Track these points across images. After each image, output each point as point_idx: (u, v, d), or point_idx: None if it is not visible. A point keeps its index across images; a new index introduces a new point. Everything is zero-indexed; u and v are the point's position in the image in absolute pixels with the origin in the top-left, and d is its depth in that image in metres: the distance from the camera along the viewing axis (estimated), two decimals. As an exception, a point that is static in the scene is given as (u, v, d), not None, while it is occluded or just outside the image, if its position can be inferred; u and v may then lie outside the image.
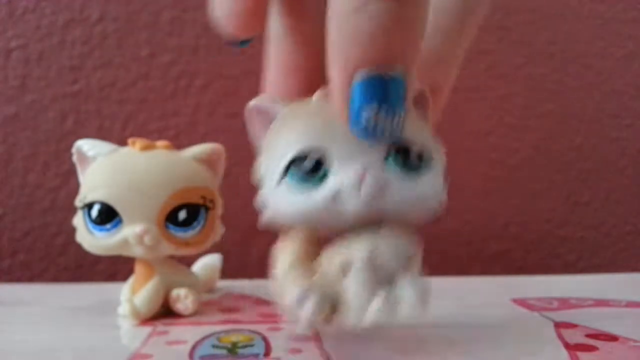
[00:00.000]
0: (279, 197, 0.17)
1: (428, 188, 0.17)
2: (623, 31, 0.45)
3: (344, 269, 0.17)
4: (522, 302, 0.27)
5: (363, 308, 0.16)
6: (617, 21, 0.45)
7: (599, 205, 0.45)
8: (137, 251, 0.23)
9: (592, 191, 0.45)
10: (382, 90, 0.14)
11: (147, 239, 0.23)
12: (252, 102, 0.19)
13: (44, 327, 0.23)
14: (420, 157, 0.17)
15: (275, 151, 0.17)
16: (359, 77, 0.14)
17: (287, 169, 0.17)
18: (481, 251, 0.43)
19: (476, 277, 0.40)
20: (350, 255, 0.17)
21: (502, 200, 0.43)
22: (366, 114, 0.15)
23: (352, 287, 0.16)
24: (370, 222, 0.17)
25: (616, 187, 0.45)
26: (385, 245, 0.17)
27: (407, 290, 0.16)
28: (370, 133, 0.15)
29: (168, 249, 0.23)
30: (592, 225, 0.45)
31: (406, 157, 0.17)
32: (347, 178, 0.16)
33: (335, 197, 0.16)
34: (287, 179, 0.17)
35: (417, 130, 0.17)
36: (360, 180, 0.16)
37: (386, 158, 0.17)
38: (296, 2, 0.18)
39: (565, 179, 0.44)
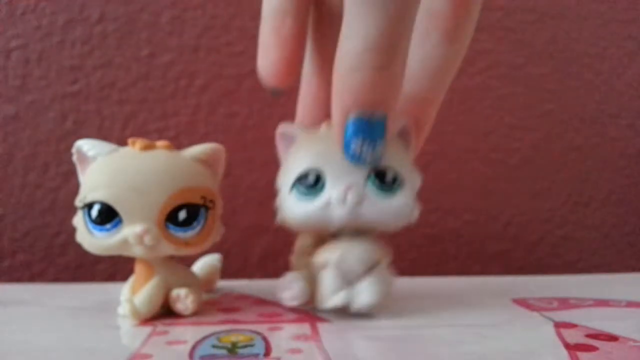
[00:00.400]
0: (288, 204, 0.23)
1: (399, 204, 0.22)
2: (623, 31, 0.45)
3: (323, 265, 0.23)
4: (522, 302, 0.27)
5: (328, 296, 0.22)
6: (617, 21, 0.45)
7: (599, 205, 0.45)
8: (137, 251, 0.23)
9: (592, 191, 0.45)
10: (367, 128, 0.20)
11: (147, 239, 0.23)
12: (279, 129, 0.24)
13: (44, 327, 0.23)
14: (394, 180, 0.22)
15: (288, 168, 0.23)
16: (351, 117, 0.20)
17: (295, 182, 0.23)
18: (481, 251, 0.43)
19: (476, 277, 0.40)
20: (327, 256, 0.23)
21: (502, 200, 0.43)
22: (354, 145, 0.20)
23: (324, 279, 0.23)
24: (354, 228, 0.22)
25: (616, 187, 0.45)
26: (352, 252, 0.22)
27: (364, 289, 0.22)
28: (357, 159, 0.21)
29: (168, 249, 0.23)
30: (592, 225, 0.45)
31: (383, 179, 0.22)
32: (336, 192, 0.22)
33: (326, 206, 0.22)
34: (294, 190, 0.23)
35: (396, 159, 0.22)
36: (345, 194, 0.21)
37: (367, 178, 0.22)
38: (323, 50, 0.24)
39: (565, 179, 0.44)
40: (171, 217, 0.23)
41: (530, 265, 0.43)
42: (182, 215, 0.23)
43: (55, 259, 0.38)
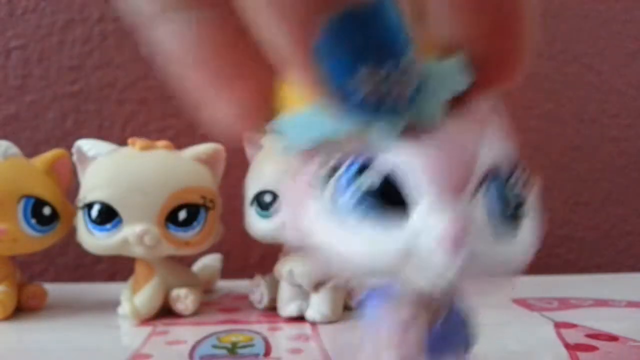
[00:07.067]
0: (249, 217, 0.25)
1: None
2: (623, 31, 0.45)
3: (281, 276, 0.24)
4: (522, 302, 0.27)
5: (284, 305, 0.24)
6: (617, 21, 0.44)
7: (599, 205, 0.45)
8: (137, 251, 0.23)
9: (592, 191, 0.44)
10: (365, 33, 0.08)
11: (147, 239, 0.23)
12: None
13: (44, 327, 0.23)
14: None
15: (251, 179, 0.25)
16: (324, 26, 0.08)
17: (255, 198, 0.24)
18: (481, 251, 0.43)
19: (476, 277, 0.40)
20: (280, 269, 0.24)
21: (502, 200, 0.43)
22: (361, 82, 0.08)
23: (281, 290, 0.25)
24: None
25: (616, 187, 0.45)
26: (300, 268, 0.23)
27: (314, 302, 0.23)
28: (372, 109, 0.09)
29: (168, 249, 0.23)
30: (592, 225, 0.44)
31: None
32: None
33: (278, 230, 0.23)
34: (254, 205, 0.24)
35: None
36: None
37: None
38: None
39: (565, 179, 0.44)
40: (171, 217, 0.23)
41: (530, 265, 0.43)
42: (182, 215, 0.23)
43: (55, 259, 0.38)
